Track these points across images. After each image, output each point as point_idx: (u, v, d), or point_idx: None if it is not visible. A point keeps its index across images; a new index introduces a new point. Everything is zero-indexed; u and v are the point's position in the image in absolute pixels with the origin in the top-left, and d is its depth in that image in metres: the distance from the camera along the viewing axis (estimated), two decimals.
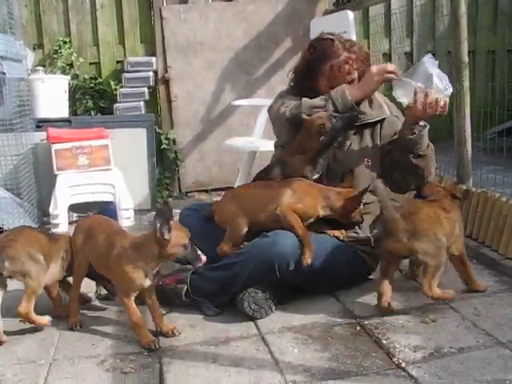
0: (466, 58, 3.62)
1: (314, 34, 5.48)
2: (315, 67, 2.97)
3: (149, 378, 2.25)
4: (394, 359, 2.29)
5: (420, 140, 2.83)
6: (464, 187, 3.71)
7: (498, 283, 3.02)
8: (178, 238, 2.43)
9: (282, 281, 2.75)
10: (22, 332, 2.70)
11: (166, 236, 2.38)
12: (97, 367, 2.35)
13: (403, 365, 2.24)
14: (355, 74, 2.97)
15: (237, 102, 5.46)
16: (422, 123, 2.83)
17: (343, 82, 2.92)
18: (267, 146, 4.00)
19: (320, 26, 5.21)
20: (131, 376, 2.27)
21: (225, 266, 2.78)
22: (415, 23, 6.42)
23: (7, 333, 2.68)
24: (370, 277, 3.10)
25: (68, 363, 2.40)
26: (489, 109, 3.97)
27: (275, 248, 2.65)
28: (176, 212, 4.35)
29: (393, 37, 6.25)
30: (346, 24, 4.86)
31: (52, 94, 5.30)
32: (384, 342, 2.44)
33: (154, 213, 2.44)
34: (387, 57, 6.52)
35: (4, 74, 4.43)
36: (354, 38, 4.64)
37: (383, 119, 3.00)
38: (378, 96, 3.10)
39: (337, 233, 2.89)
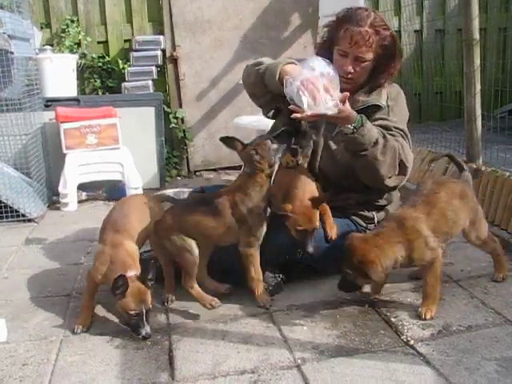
0: (477, 36, 3.58)
1: (322, 11, 5.48)
2: (336, 28, 2.80)
3: (158, 355, 2.27)
4: (403, 337, 2.30)
5: (347, 140, 2.59)
6: (474, 166, 3.69)
7: (507, 262, 3.00)
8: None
9: (291, 261, 2.76)
10: (33, 309, 2.73)
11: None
12: (107, 344, 2.38)
13: (411, 342, 2.25)
14: (367, 56, 2.72)
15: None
16: (344, 128, 2.54)
17: (349, 52, 2.71)
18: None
19: (329, 2, 5.17)
20: (141, 353, 2.29)
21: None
22: (426, 1, 6.34)
23: (19, 310, 2.71)
24: None
25: (79, 340, 2.42)
26: (500, 87, 3.93)
27: (287, 235, 2.64)
28: (185, 191, 4.40)
29: (403, 14, 6.18)
30: (355, 1, 4.81)
31: (60, 73, 5.30)
32: (392, 319, 2.45)
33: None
34: (397, 34, 6.46)
35: (12, 53, 4.42)
36: None
37: (375, 106, 2.79)
38: (391, 88, 2.92)
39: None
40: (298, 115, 2.39)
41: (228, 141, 2.61)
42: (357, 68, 2.75)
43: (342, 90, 2.45)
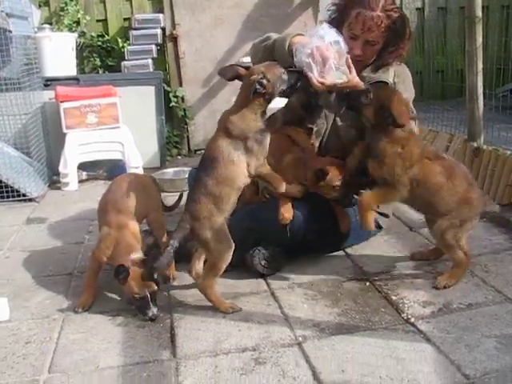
0: (479, 13, 3.54)
1: None
2: (346, 8, 2.77)
3: (160, 333, 2.28)
4: (403, 315, 2.31)
5: None
6: (475, 145, 3.69)
7: (507, 241, 3.01)
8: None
9: (292, 240, 2.76)
10: (35, 288, 2.74)
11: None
12: (109, 322, 2.39)
13: (412, 320, 2.26)
14: (377, 39, 2.71)
15: (245, 59, 5.39)
16: None
17: (360, 36, 2.70)
18: (277, 102, 3.95)
19: None
20: (142, 331, 2.31)
21: (238, 221, 2.77)
22: None
23: (21, 289, 2.73)
24: (380, 234, 3.11)
25: (80, 318, 2.43)
26: (502, 65, 3.90)
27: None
28: (186, 170, 4.40)
29: None
30: None
31: (59, 52, 5.25)
32: (393, 297, 2.46)
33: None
34: None
35: (10, 31, 4.39)
36: None
37: (381, 82, 2.79)
38: (399, 67, 2.92)
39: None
40: (315, 82, 2.40)
41: (227, 70, 2.49)
42: (367, 51, 2.75)
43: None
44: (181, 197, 3.13)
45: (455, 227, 2.51)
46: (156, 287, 2.39)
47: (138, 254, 2.43)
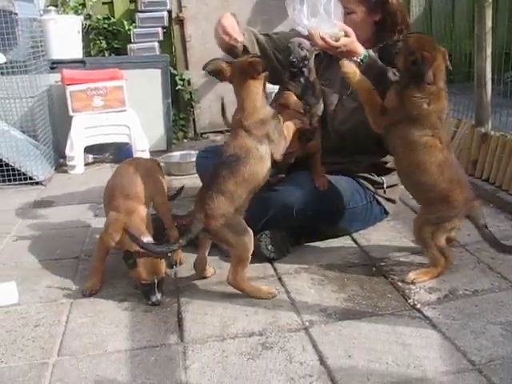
0: None
1: None
2: None
3: (167, 317, 2.29)
4: (410, 300, 2.32)
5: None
6: (483, 130, 3.67)
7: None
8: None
9: (298, 223, 2.77)
10: (43, 272, 2.77)
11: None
12: (116, 306, 2.41)
13: (418, 306, 2.27)
14: (350, 6, 2.71)
15: None
16: (354, 58, 2.55)
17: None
18: None
19: None
20: (150, 315, 2.32)
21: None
22: None
23: (28, 272, 2.74)
24: (387, 219, 3.11)
25: (88, 302, 2.45)
26: (511, 50, 3.87)
27: (296, 195, 2.67)
28: (192, 153, 4.41)
29: None
30: None
31: (65, 35, 5.24)
32: (399, 283, 2.47)
33: None
34: None
35: (16, 14, 4.37)
36: None
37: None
38: None
39: None
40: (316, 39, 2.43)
41: (210, 64, 2.45)
42: (346, 21, 2.68)
43: None
44: (181, 189, 3.15)
45: (432, 224, 2.44)
46: (164, 274, 2.41)
47: (147, 238, 2.43)
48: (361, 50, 2.54)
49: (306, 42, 2.68)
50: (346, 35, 2.51)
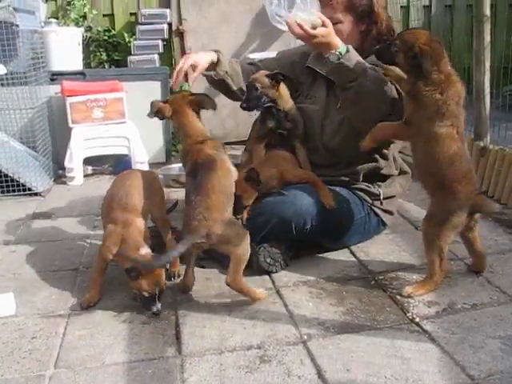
0: (487, 12, 3.52)
1: None
2: None
3: (165, 330, 2.28)
4: (408, 314, 2.31)
5: (336, 70, 2.57)
6: (481, 144, 3.68)
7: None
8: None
9: (298, 237, 2.77)
10: (41, 283, 2.76)
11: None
12: (114, 318, 2.40)
13: (417, 320, 2.27)
14: (335, 16, 2.73)
15: (252, 55, 5.39)
16: (330, 55, 2.53)
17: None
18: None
19: None
20: (147, 327, 2.31)
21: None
22: None
23: (26, 284, 2.74)
24: (385, 232, 3.11)
25: (86, 314, 2.44)
26: (509, 64, 3.89)
27: (293, 208, 2.67)
28: None
29: None
30: None
31: (66, 47, 5.26)
32: (398, 297, 2.46)
33: None
34: (405, 9, 6.40)
35: (17, 25, 4.39)
36: None
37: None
38: None
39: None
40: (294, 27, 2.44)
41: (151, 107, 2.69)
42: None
43: None
44: (176, 203, 3.16)
45: (438, 223, 2.44)
46: (164, 286, 2.40)
47: (145, 250, 2.43)
48: (339, 43, 2.49)
49: (264, 79, 2.84)
50: (324, 25, 2.48)
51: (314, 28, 2.46)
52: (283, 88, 2.91)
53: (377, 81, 2.53)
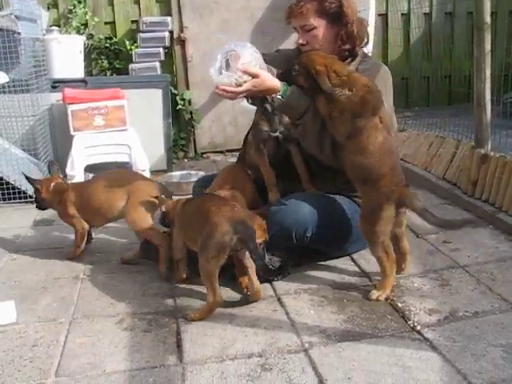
0: (488, 20, 3.52)
1: None
2: None
3: (166, 338, 2.28)
4: (409, 322, 2.31)
5: (282, 110, 2.76)
6: (482, 151, 3.68)
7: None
8: None
9: (298, 245, 2.76)
10: (42, 291, 2.76)
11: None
12: (115, 326, 2.39)
13: (418, 328, 2.26)
14: (308, 22, 2.80)
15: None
16: (275, 99, 2.71)
17: (296, 26, 2.85)
18: None
19: None
20: (149, 335, 2.31)
21: None
22: None
23: (27, 291, 2.74)
24: None
25: (87, 322, 2.44)
26: (510, 72, 3.89)
27: (294, 216, 2.67)
28: (192, 173, 4.41)
29: None
30: None
31: (67, 55, 5.26)
32: (399, 304, 2.46)
33: None
34: (406, 17, 6.43)
35: (19, 33, 4.41)
36: None
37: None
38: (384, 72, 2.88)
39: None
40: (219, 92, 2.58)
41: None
42: (307, 38, 2.83)
43: None
44: None
45: (370, 220, 2.48)
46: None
47: None
48: (277, 85, 2.62)
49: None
50: (255, 76, 2.58)
51: (240, 84, 2.56)
52: None
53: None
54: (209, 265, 2.35)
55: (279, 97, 2.63)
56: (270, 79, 2.60)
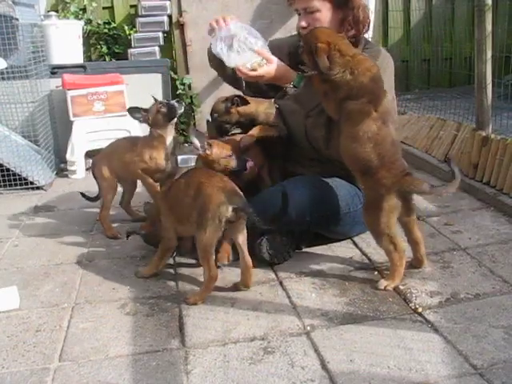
0: (489, 1, 3.49)
1: None
2: None
3: (168, 322, 2.29)
4: (411, 304, 2.32)
5: (292, 100, 2.76)
6: (483, 133, 3.67)
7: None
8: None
9: (298, 229, 2.77)
10: (44, 277, 2.77)
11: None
12: (118, 311, 2.41)
13: (420, 310, 2.27)
14: (311, 5, 2.74)
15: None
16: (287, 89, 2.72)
17: (298, 8, 2.80)
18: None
19: None
20: (151, 319, 2.32)
21: None
22: None
23: (30, 277, 2.75)
24: None
25: (90, 307, 2.45)
26: (511, 53, 3.87)
27: (292, 199, 2.65)
28: (192, 158, 4.41)
29: None
30: None
31: (66, 40, 5.23)
32: (401, 287, 2.46)
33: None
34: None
35: (17, 19, 4.38)
36: None
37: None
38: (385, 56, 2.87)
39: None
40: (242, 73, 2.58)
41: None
42: (309, 20, 2.77)
43: None
44: None
45: (373, 212, 2.44)
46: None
47: None
48: (292, 75, 2.62)
49: (220, 106, 3.01)
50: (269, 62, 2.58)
51: (255, 69, 2.55)
52: (247, 107, 2.86)
53: None
54: (206, 238, 2.35)
55: (291, 86, 2.59)
56: (283, 67, 2.56)
